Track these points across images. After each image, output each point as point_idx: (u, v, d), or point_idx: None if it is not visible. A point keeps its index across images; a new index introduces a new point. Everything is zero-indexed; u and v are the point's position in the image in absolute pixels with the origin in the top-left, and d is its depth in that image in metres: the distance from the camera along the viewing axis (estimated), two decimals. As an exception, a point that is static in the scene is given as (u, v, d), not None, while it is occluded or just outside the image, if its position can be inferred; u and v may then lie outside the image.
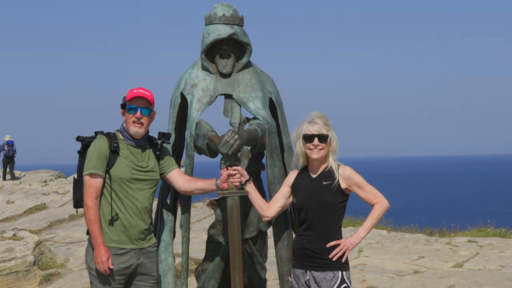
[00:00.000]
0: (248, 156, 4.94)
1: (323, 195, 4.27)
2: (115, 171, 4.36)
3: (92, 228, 4.28)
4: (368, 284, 7.87)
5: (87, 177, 4.32)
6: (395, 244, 11.00)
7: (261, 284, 5.02)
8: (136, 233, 4.40)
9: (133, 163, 4.42)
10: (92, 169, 4.30)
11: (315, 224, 4.28)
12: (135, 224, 4.39)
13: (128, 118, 4.45)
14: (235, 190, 4.50)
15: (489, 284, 7.87)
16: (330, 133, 4.34)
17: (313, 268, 4.26)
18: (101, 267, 4.27)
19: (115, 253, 4.34)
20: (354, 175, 4.31)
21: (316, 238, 4.28)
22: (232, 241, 4.50)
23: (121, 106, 4.48)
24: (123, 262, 4.35)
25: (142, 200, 4.43)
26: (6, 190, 18.61)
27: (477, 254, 10.01)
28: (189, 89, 4.79)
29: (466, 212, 45.84)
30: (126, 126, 4.48)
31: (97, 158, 4.32)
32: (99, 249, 4.27)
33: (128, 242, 4.38)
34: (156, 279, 4.52)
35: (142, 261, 4.42)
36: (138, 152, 4.47)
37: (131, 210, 4.38)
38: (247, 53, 4.79)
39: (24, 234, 9.20)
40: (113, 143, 4.39)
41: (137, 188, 4.41)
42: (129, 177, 4.38)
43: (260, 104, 4.76)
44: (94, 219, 4.28)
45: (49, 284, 8.13)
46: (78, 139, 4.52)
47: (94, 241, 4.28)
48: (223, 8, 4.72)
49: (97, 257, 4.27)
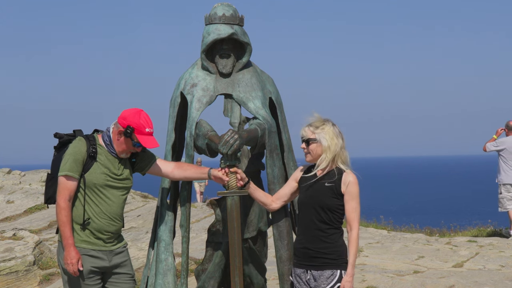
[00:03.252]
0: (248, 156, 4.94)
1: (323, 196, 4.28)
2: (89, 176, 4.40)
3: (64, 229, 4.34)
4: (368, 284, 7.87)
5: (63, 178, 4.37)
6: (395, 244, 10.99)
7: (261, 284, 5.02)
8: (107, 236, 4.47)
9: (109, 170, 4.45)
10: (68, 171, 4.35)
11: (315, 224, 4.29)
12: (106, 228, 4.46)
13: (126, 143, 4.42)
14: (235, 190, 4.50)
15: (489, 284, 7.87)
16: (319, 136, 4.31)
17: (313, 268, 4.28)
18: (70, 269, 4.33)
19: (86, 253, 4.41)
20: (353, 185, 4.29)
21: (316, 237, 4.29)
22: (232, 241, 4.51)
23: (124, 133, 4.38)
24: (93, 263, 4.43)
25: (115, 206, 4.49)
26: (6, 190, 18.60)
27: (477, 254, 10.00)
28: (189, 89, 4.79)
29: (466, 212, 45.82)
30: (116, 143, 4.45)
31: (74, 161, 4.36)
32: (69, 250, 4.33)
33: (98, 244, 4.44)
34: (132, 276, 4.61)
35: (114, 262, 4.51)
36: (115, 160, 4.49)
37: (103, 215, 4.44)
38: (247, 53, 4.79)
39: (24, 234, 9.19)
40: (92, 147, 4.42)
41: (110, 194, 4.46)
42: (103, 183, 4.43)
43: (260, 103, 4.76)
44: (66, 221, 4.34)
45: (49, 284, 8.13)
46: (56, 136, 4.58)
47: (65, 242, 4.34)
48: (223, 8, 4.72)
49: (67, 259, 4.33)
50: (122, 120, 4.41)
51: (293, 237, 4.88)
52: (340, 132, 4.38)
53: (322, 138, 4.31)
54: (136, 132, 4.38)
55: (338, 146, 4.32)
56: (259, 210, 4.91)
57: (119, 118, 4.45)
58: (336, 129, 4.36)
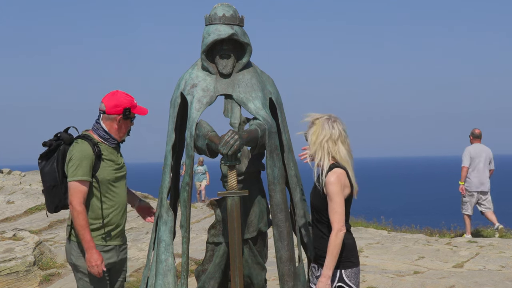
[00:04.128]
0: (248, 156, 4.94)
1: (314, 197, 4.28)
2: (101, 175, 4.54)
3: (83, 232, 4.44)
4: (368, 285, 7.87)
5: (76, 183, 4.44)
6: (395, 244, 10.99)
7: (261, 285, 5.02)
8: (119, 230, 4.65)
9: (113, 163, 4.63)
10: (81, 176, 4.44)
11: (315, 224, 4.31)
12: (120, 222, 4.64)
13: (125, 125, 4.67)
14: (235, 190, 4.51)
15: (489, 285, 7.87)
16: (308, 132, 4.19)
17: (320, 265, 4.25)
18: (95, 270, 4.45)
19: (101, 250, 4.53)
20: (331, 185, 4.06)
21: (317, 237, 4.30)
22: (232, 241, 4.51)
23: (125, 117, 4.63)
24: (108, 259, 4.58)
25: (124, 196, 4.69)
26: (6, 190, 18.59)
27: (477, 255, 10.00)
28: (189, 89, 4.79)
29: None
30: (114, 131, 4.63)
31: (86, 165, 4.46)
32: (92, 253, 4.44)
33: (112, 239, 4.60)
34: (124, 274, 4.77)
35: (120, 257, 4.69)
36: (114, 151, 4.68)
37: (118, 208, 4.62)
38: (247, 53, 4.79)
39: (24, 234, 9.19)
40: (96, 147, 4.54)
41: (119, 185, 4.66)
42: (113, 177, 4.60)
43: (260, 104, 4.76)
44: (84, 224, 4.44)
45: (49, 284, 8.12)
46: (45, 145, 4.62)
47: (87, 246, 4.44)
48: (223, 8, 4.72)
49: (91, 261, 4.45)
50: (113, 108, 4.59)
51: (293, 237, 4.89)
52: (335, 124, 4.13)
53: (309, 134, 4.18)
54: (132, 109, 4.65)
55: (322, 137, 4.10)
56: (259, 210, 4.91)
57: (108, 108, 4.59)
58: (328, 122, 4.13)
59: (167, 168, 4.82)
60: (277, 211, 4.71)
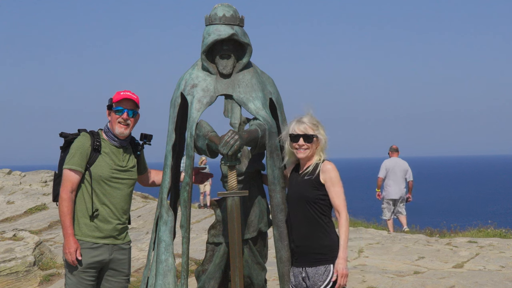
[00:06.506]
0: (249, 156, 4.94)
1: (304, 189, 4.39)
2: (95, 169, 4.56)
3: (64, 219, 4.47)
4: (368, 285, 7.87)
5: (67, 171, 4.51)
6: (395, 245, 10.99)
7: (261, 285, 5.02)
8: (111, 230, 4.61)
9: (114, 162, 4.62)
10: (72, 165, 4.50)
11: (303, 220, 4.36)
12: (111, 222, 4.61)
13: (114, 119, 4.67)
14: (236, 190, 4.51)
15: (489, 285, 7.87)
16: (317, 132, 4.44)
17: (307, 265, 4.36)
18: (69, 258, 4.46)
19: (89, 247, 4.53)
20: (331, 171, 4.37)
21: (306, 234, 4.36)
22: (232, 241, 4.51)
23: (107, 107, 4.71)
24: (95, 256, 4.55)
25: (120, 199, 4.65)
26: (6, 190, 18.59)
27: (477, 255, 10.00)
28: (189, 90, 4.79)
29: (466, 213, 45.77)
30: (111, 126, 4.69)
31: (79, 154, 4.52)
32: (69, 240, 4.46)
33: (102, 238, 4.57)
34: (127, 276, 4.74)
35: (114, 256, 4.64)
36: (119, 152, 4.67)
37: (108, 208, 4.59)
38: (247, 54, 4.79)
39: (24, 235, 9.19)
40: (96, 141, 4.59)
41: (116, 187, 4.62)
42: (108, 175, 4.59)
43: (260, 104, 4.76)
44: (66, 211, 4.47)
45: (49, 285, 8.12)
46: (62, 135, 4.71)
47: (64, 232, 4.47)
48: (223, 9, 4.72)
49: (66, 248, 4.47)
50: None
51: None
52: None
53: (319, 135, 4.45)
54: (114, 99, 4.69)
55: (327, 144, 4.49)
56: (259, 210, 4.91)
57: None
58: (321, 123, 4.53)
59: (167, 168, 4.81)
60: (277, 211, 4.71)
